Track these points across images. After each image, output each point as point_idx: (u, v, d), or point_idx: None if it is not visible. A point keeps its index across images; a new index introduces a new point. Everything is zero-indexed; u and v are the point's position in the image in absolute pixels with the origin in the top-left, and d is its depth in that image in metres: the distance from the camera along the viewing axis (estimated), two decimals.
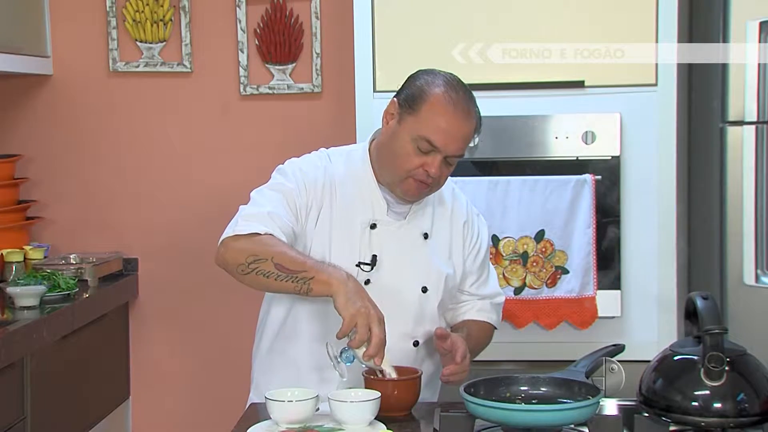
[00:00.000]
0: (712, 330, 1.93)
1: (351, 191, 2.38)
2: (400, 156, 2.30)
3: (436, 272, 2.41)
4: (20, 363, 2.90)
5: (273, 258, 2.18)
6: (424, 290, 2.39)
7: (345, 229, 2.36)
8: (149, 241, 3.83)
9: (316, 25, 3.70)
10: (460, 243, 2.47)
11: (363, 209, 2.37)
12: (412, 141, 2.27)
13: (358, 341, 2.10)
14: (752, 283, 3.09)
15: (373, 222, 2.37)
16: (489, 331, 2.56)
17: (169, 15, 3.74)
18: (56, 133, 3.83)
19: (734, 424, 1.92)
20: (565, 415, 1.93)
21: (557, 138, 3.15)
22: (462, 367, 2.26)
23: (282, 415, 2.03)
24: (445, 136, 2.26)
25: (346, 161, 2.42)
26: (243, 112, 3.78)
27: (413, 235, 2.40)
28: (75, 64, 3.80)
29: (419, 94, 2.28)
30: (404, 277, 2.38)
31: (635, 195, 3.15)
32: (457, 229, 2.46)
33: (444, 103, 2.26)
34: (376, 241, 2.37)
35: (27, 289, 3.16)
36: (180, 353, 3.87)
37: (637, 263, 3.16)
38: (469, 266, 2.49)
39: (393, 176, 2.33)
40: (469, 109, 2.29)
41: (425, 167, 2.28)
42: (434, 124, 2.26)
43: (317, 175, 2.37)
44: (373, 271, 2.35)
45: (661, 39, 3.11)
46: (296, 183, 2.35)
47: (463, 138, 2.29)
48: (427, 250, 2.41)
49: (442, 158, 2.28)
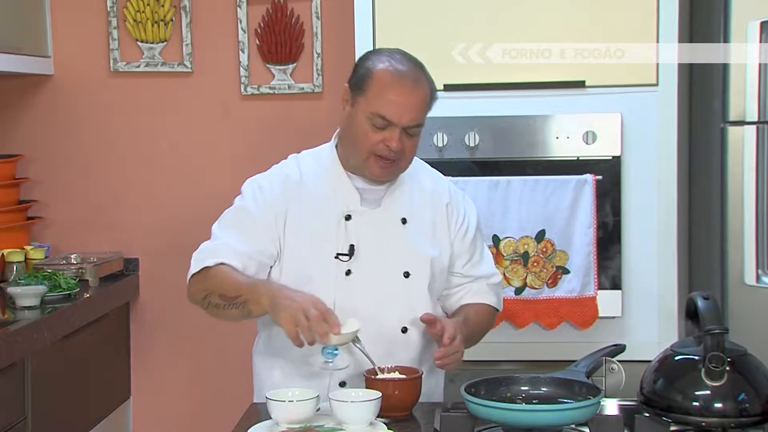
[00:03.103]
0: (713, 330, 1.93)
1: (322, 187, 2.41)
2: (359, 137, 2.33)
3: (418, 256, 2.39)
4: (21, 363, 2.90)
5: (216, 290, 2.31)
6: (407, 275, 2.38)
7: (320, 225, 2.38)
8: (150, 241, 3.83)
9: (316, 25, 3.70)
10: (444, 224, 2.45)
11: (336, 202, 2.39)
12: (367, 120, 2.31)
13: (311, 338, 2.11)
14: (753, 283, 3.09)
15: (347, 213, 2.38)
16: (489, 314, 2.51)
17: (169, 15, 3.74)
18: (57, 133, 3.83)
19: (735, 424, 1.92)
20: (565, 415, 1.93)
21: (558, 138, 3.15)
22: (452, 349, 2.24)
23: (283, 415, 2.03)
24: (397, 108, 2.29)
25: (315, 160, 2.47)
26: (244, 112, 3.78)
27: (391, 221, 2.40)
28: (76, 64, 3.80)
29: (365, 74, 2.33)
30: (385, 263, 2.38)
31: (636, 195, 3.15)
32: (440, 211, 2.45)
33: (390, 76, 2.30)
34: (352, 231, 2.37)
35: (28, 289, 3.16)
36: (180, 353, 3.87)
37: (638, 263, 3.16)
38: (457, 247, 2.47)
39: (357, 158, 2.36)
40: (416, 78, 2.33)
41: (385, 142, 2.30)
42: (384, 99, 2.29)
43: (274, 186, 2.41)
44: (352, 261, 2.36)
45: (661, 39, 3.11)
46: (254, 201, 2.41)
47: (416, 106, 2.31)
48: (407, 234, 2.40)
49: (399, 130, 2.30)
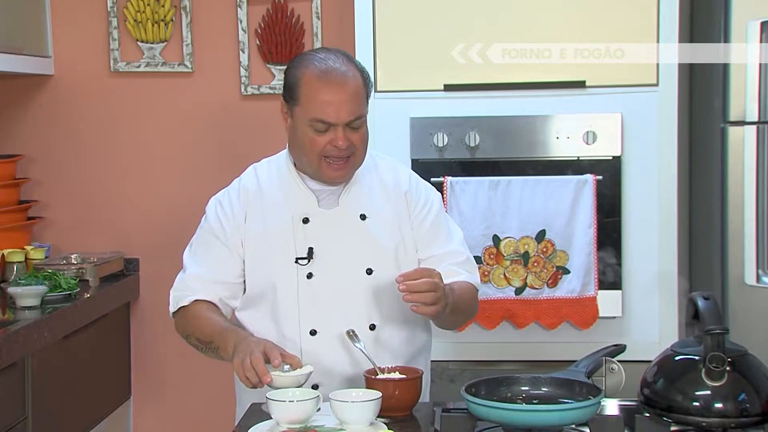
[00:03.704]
0: (713, 330, 1.93)
1: (278, 193, 2.42)
2: (305, 145, 2.33)
3: (380, 250, 2.38)
4: (21, 363, 2.90)
5: (193, 333, 2.38)
6: (369, 272, 2.37)
7: (278, 231, 2.38)
8: (150, 241, 3.83)
9: (317, 26, 3.70)
10: (405, 213, 2.43)
11: (292, 206, 2.39)
12: (308, 127, 2.31)
13: (252, 381, 2.12)
14: (753, 283, 3.09)
15: (304, 216, 2.38)
16: (468, 290, 2.42)
17: (170, 15, 3.74)
18: (57, 133, 3.83)
19: (735, 424, 1.91)
20: (566, 415, 1.93)
21: (558, 138, 3.15)
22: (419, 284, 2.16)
23: (283, 415, 2.03)
24: (332, 108, 2.28)
25: (270, 168, 2.48)
26: (244, 112, 3.78)
27: (349, 220, 2.39)
28: (76, 64, 3.80)
29: (294, 83, 2.34)
30: (346, 263, 2.37)
31: (636, 195, 3.15)
32: (399, 201, 2.43)
33: (316, 79, 2.29)
34: (311, 234, 2.37)
35: (28, 289, 3.16)
36: (181, 353, 3.85)
37: (638, 263, 3.17)
38: (419, 233, 2.43)
39: (311, 165, 2.36)
40: (344, 72, 2.31)
41: (332, 143, 2.30)
42: (317, 103, 2.29)
43: (233, 200, 2.44)
44: (312, 263, 2.36)
45: (662, 39, 3.11)
46: (217, 219, 2.45)
47: (351, 100, 2.30)
48: (367, 230, 2.39)
49: (342, 128, 2.29)
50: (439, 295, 2.19)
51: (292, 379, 2.12)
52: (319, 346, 2.35)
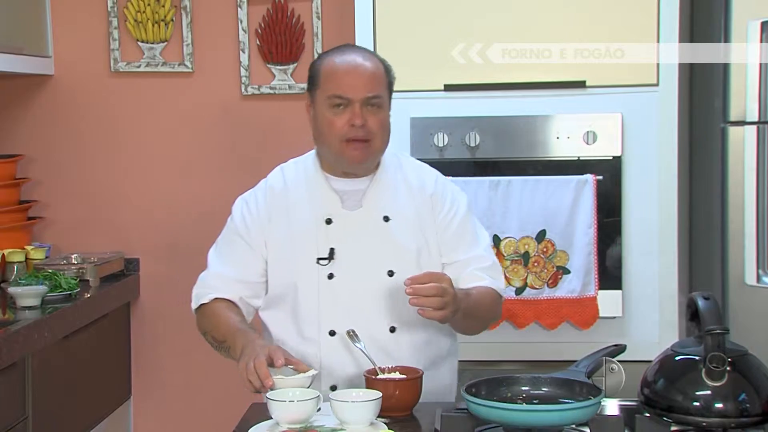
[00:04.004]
0: (714, 330, 1.93)
1: (303, 193, 2.43)
2: (324, 127, 2.36)
3: (402, 252, 2.38)
4: (22, 363, 2.90)
5: (210, 331, 2.41)
6: (391, 274, 2.36)
7: (301, 231, 2.39)
8: (151, 241, 3.83)
9: (317, 25, 3.70)
10: (430, 216, 2.43)
11: (316, 207, 2.40)
12: (327, 108, 2.35)
13: (254, 386, 2.13)
14: (753, 283, 3.08)
15: (327, 217, 2.39)
16: (490, 296, 2.42)
17: (170, 15, 3.75)
18: (57, 133, 3.84)
19: (735, 424, 1.91)
20: (566, 415, 1.93)
21: (558, 138, 3.15)
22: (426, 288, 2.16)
23: (283, 415, 2.03)
24: (349, 82, 2.32)
25: (297, 168, 2.49)
26: (244, 112, 3.78)
27: (372, 221, 2.39)
28: (76, 64, 3.81)
29: (315, 70, 2.41)
30: (367, 264, 2.37)
31: (636, 195, 3.15)
32: (424, 203, 2.43)
33: (334, 61, 2.37)
34: (333, 235, 2.38)
35: (28, 289, 3.16)
36: (181, 353, 3.87)
37: (639, 263, 3.16)
38: (444, 237, 2.43)
39: (332, 149, 2.37)
40: (363, 56, 2.39)
41: (350, 122, 2.32)
42: (333, 80, 2.34)
43: (259, 200, 2.46)
44: (333, 264, 2.36)
45: (662, 39, 3.11)
46: (242, 219, 2.46)
47: (369, 78, 2.34)
48: (390, 232, 2.39)
49: (359, 105, 2.32)
50: (447, 300, 2.18)
51: (295, 382, 2.12)
52: (338, 346, 2.35)
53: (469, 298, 2.32)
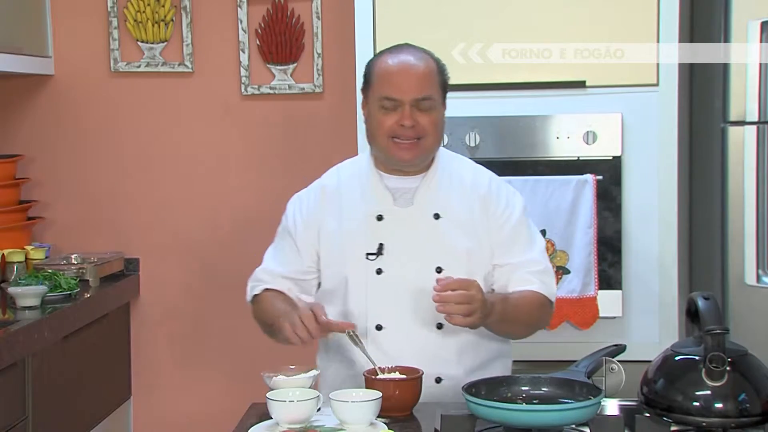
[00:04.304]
0: (714, 330, 1.93)
1: (356, 191, 2.47)
2: (374, 126, 2.40)
3: (452, 250, 2.40)
4: (22, 363, 2.90)
5: (261, 318, 2.49)
6: (439, 271, 2.38)
7: (352, 226, 2.43)
8: (150, 241, 3.83)
9: (317, 25, 3.70)
10: (482, 216, 2.43)
11: (368, 203, 2.44)
12: (378, 108, 2.38)
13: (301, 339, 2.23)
14: (753, 283, 3.08)
15: (378, 214, 2.42)
16: (536, 300, 2.41)
17: (170, 15, 3.74)
18: (57, 133, 3.84)
19: (735, 424, 1.91)
20: (566, 415, 1.93)
21: (558, 138, 3.15)
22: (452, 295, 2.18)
23: (283, 415, 2.03)
24: (399, 83, 2.35)
25: (353, 167, 2.53)
26: (244, 112, 3.78)
27: (423, 218, 2.42)
28: (76, 64, 3.81)
29: (368, 70, 2.45)
30: (415, 261, 2.39)
31: (636, 195, 3.15)
32: (476, 203, 2.44)
33: (387, 61, 2.40)
34: (384, 231, 2.41)
35: (28, 289, 3.16)
36: (181, 353, 3.87)
37: (639, 263, 3.16)
38: (496, 238, 2.43)
39: (381, 147, 2.41)
40: (417, 56, 2.40)
41: (399, 122, 2.35)
42: (385, 81, 2.37)
43: (311, 199, 2.51)
44: (382, 259, 2.39)
45: (662, 39, 3.11)
46: (294, 218, 2.51)
47: (419, 79, 2.36)
48: (440, 230, 2.41)
49: (409, 107, 2.35)
50: (474, 307, 2.20)
51: (297, 382, 2.13)
52: (384, 341, 2.38)
53: (507, 302, 2.34)
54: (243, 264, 3.89)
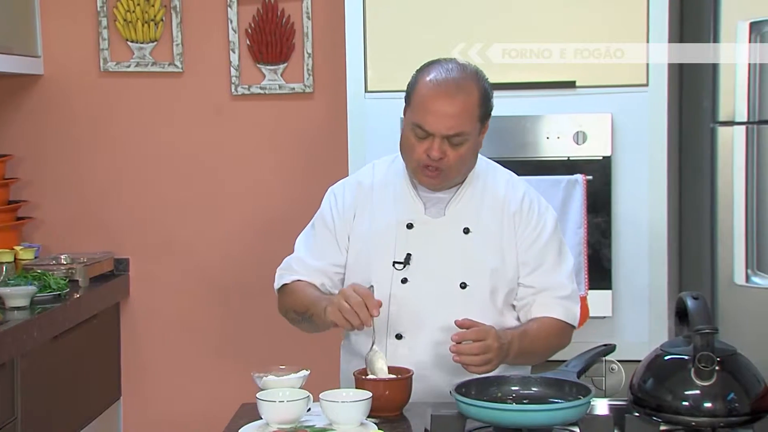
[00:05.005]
0: (703, 330, 1.93)
1: (389, 195, 2.46)
2: (406, 147, 2.38)
3: (478, 267, 2.38)
4: (11, 363, 2.90)
5: (291, 306, 2.46)
6: (463, 286, 2.37)
7: (382, 231, 2.42)
8: (140, 241, 3.83)
9: (307, 26, 3.70)
10: (511, 233, 2.42)
11: (400, 210, 2.43)
12: (411, 130, 2.35)
13: (356, 320, 2.18)
14: (742, 283, 3.09)
15: (409, 222, 2.41)
16: (557, 329, 2.41)
17: (160, 15, 3.74)
18: (47, 133, 3.82)
19: (724, 423, 1.92)
20: (556, 415, 1.93)
21: (548, 138, 3.15)
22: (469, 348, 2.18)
23: (273, 415, 2.03)
24: (434, 118, 2.30)
25: (389, 168, 2.51)
26: (234, 112, 3.77)
27: (452, 231, 2.40)
28: (66, 64, 3.79)
29: (412, 85, 2.38)
30: (441, 273, 2.39)
31: (626, 195, 3.16)
32: (508, 220, 2.42)
33: (429, 87, 2.32)
34: (413, 240, 2.40)
35: (17, 289, 3.15)
36: (171, 354, 3.86)
37: (628, 263, 3.17)
38: (522, 256, 2.42)
39: (410, 168, 2.40)
40: (459, 86, 2.31)
41: (427, 152, 2.32)
42: (422, 109, 2.32)
43: (347, 194, 2.50)
44: (408, 269, 2.38)
45: (652, 39, 3.11)
46: (329, 211, 2.50)
47: (455, 116, 2.30)
48: (469, 244, 2.40)
49: (440, 140, 2.31)
50: (490, 356, 2.20)
51: (287, 382, 2.13)
52: (402, 350, 2.37)
53: (524, 338, 2.32)
54: (233, 263, 3.89)
